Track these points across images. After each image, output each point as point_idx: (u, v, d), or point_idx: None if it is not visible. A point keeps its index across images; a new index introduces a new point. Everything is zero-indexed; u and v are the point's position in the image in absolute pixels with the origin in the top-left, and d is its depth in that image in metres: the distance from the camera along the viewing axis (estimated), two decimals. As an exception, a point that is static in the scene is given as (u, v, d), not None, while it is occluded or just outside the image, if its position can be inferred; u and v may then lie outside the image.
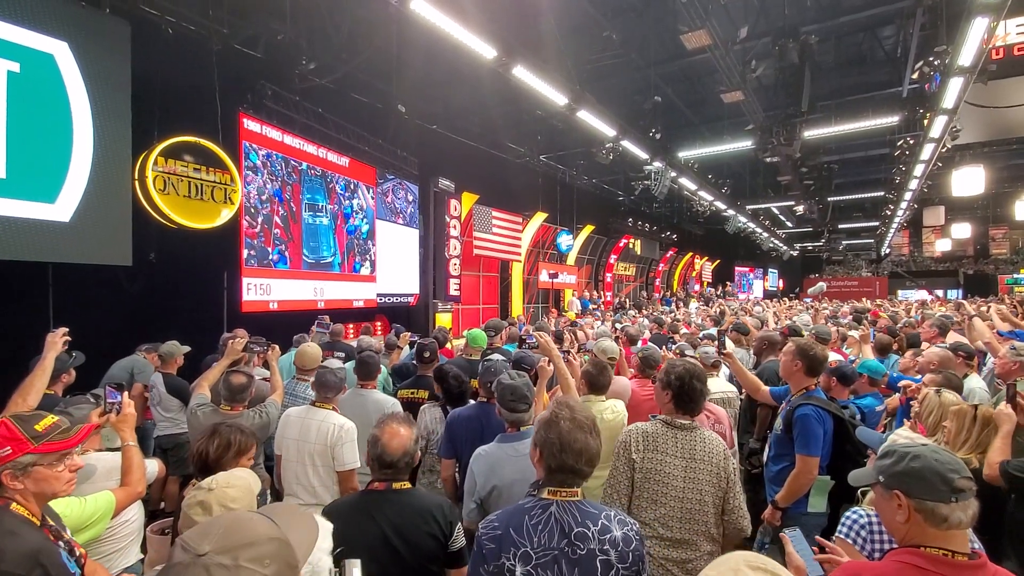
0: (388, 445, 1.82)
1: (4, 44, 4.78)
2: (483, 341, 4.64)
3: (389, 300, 10.30)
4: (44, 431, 1.54)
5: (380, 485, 1.87)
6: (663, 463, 2.15)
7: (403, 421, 1.94)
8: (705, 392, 2.27)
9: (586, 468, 1.56)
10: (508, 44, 6.13)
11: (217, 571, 0.77)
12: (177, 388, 4.50)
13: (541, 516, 1.51)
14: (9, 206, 4.87)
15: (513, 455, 2.25)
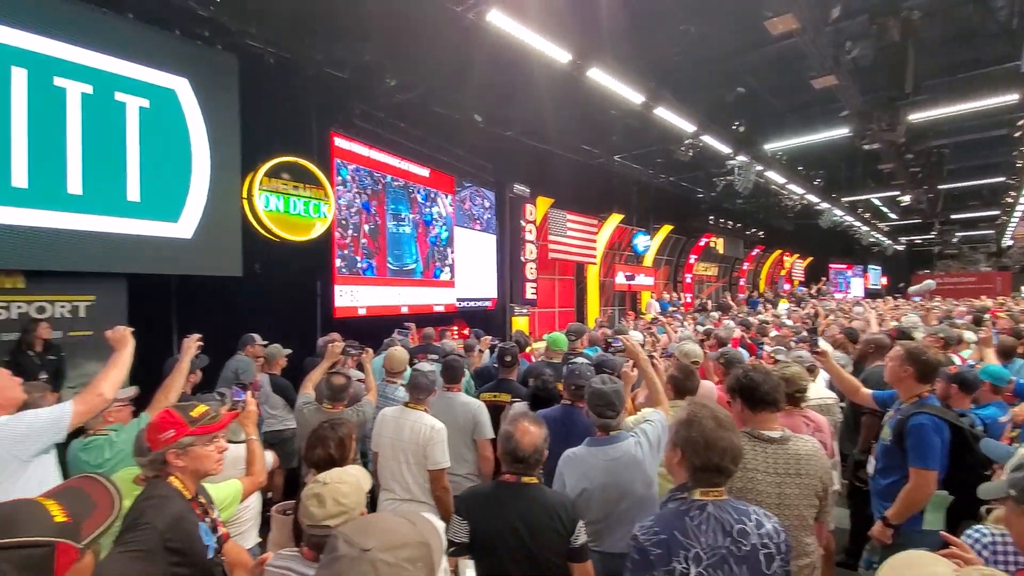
0: (520, 441, 1.93)
1: (137, 83, 5.47)
2: (564, 344, 4.65)
3: (468, 304, 10.58)
4: (198, 416, 1.80)
5: (511, 478, 1.99)
6: (753, 481, 2.01)
7: (533, 420, 2.06)
8: (776, 385, 2.12)
9: (731, 466, 1.56)
10: (582, 47, 6.13)
11: (381, 567, 0.85)
12: (281, 387, 4.89)
13: (700, 516, 1.52)
14: (142, 226, 5.55)
15: (604, 459, 2.27)
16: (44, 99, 4.84)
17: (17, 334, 4.90)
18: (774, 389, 2.09)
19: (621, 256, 16.46)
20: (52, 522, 0.96)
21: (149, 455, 1.70)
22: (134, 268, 5.58)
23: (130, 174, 5.43)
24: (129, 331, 2.50)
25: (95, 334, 5.53)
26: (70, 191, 5.02)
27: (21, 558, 0.89)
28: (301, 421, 3.36)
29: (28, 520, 0.93)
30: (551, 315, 13.94)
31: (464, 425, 3.30)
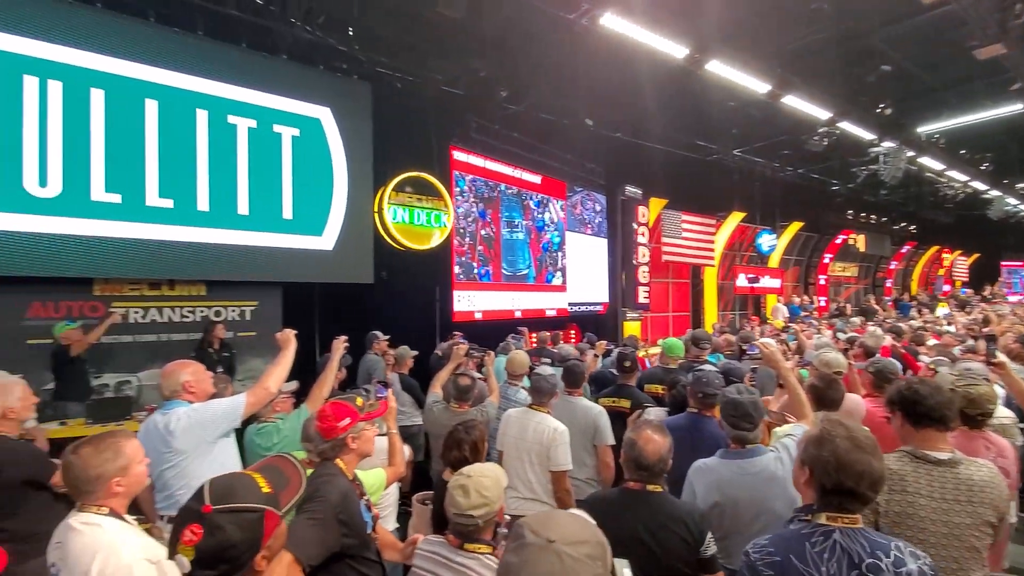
0: (644, 449, 1.94)
1: (290, 115, 6.25)
2: (680, 351, 4.48)
3: (579, 309, 10.57)
4: (361, 406, 2.07)
5: (636, 485, 1.99)
6: (913, 506, 1.81)
7: (657, 428, 2.05)
8: (946, 401, 1.87)
9: (868, 492, 1.41)
10: (700, 40, 5.88)
11: (566, 559, 0.90)
12: (409, 386, 5.27)
13: (824, 544, 1.39)
14: (294, 240, 6.31)
15: (738, 473, 2.16)
16: (220, 135, 5.72)
17: (200, 334, 5.81)
18: (942, 405, 1.87)
19: (743, 257, 15.40)
20: (260, 492, 1.14)
21: (328, 441, 1.93)
22: (288, 277, 6.37)
23: (284, 195, 6.22)
24: (293, 333, 2.84)
25: (257, 334, 6.40)
26: (239, 212, 5.86)
27: (240, 520, 1.07)
28: (431, 418, 3.60)
29: (243, 489, 1.12)
30: (664, 320, 13.44)
31: (585, 430, 3.32)
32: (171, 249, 5.42)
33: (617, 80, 9.00)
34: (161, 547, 1.67)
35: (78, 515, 1.60)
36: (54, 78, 4.76)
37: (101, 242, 5.02)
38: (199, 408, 2.47)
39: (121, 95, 5.10)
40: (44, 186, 4.73)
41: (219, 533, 1.04)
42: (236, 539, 1.05)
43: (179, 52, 5.44)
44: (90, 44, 4.94)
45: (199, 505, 1.06)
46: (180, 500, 2.34)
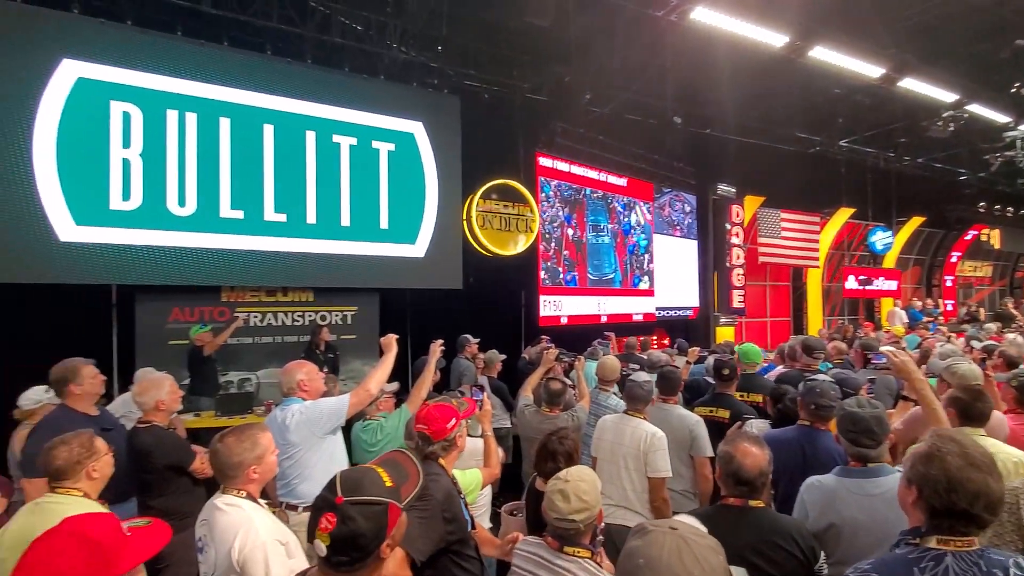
0: (743, 463, 1.84)
1: (386, 132, 6.64)
2: (757, 356, 4.20)
3: (667, 314, 10.22)
4: (458, 405, 2.17)
5: (736, 501, 1.89)
6: None
7: (755, 441, 1.94)
8: None
9: (985, 515, 1.27)
10: (802, 26, 5.50)
11: (692, 544, 0.98)
12: (499, 389, 5.36)
13: (936, 569, 1.28)
14: (389, 249, 6.68)
15: (857, 492, 1.97)
16: (326, 153, 6.21)
17: (308, 337, 6.31)
18: None
19: (852, 257, 14.12)
20: (384, 486, 1.23)
21: (437, 442, 2.03)
22: (384, 283, 6.76)
23: (381, 206, 6.61)
24: (395, 338, 3.00)
25: (357, 337, 6.84)
26: (342, 224, 6.31)
27: (367, 511, 1.16)
28: (522, 422, 3.65)
29: (369, 483, 1.21)
30: (761, 325, 12.65)
31: (681, 440, 3.20)
32: (284, 259, 5.95)
33: (706, 75, 8.64)
34: (287, 530, 1.85)
35: (222, 496, 1.81)
36: (190, 110, 5.42)
37: (227, 254, 5.63)
38: (310, 405, 2.69)
39: (244, 122, 5.70)
40: (183, 206, 5.39)
41: (350, 523, 1.13)
42: (364, 529, 1.14)
43: (292, 80, 5.99)
44: (218, 78, 5.58)
45: (332, 496, 1.15)
46: (295, 488, 2.58)
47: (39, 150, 4.70)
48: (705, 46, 6.43)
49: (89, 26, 4.98)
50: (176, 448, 2.83)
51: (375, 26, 6.22)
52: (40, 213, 4.71)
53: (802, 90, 9.40)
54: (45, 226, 4.74)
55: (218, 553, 1.69)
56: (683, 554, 0.97)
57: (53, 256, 4.79)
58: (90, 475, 1.98)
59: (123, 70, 5.09)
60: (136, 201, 5.17)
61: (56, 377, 2.80)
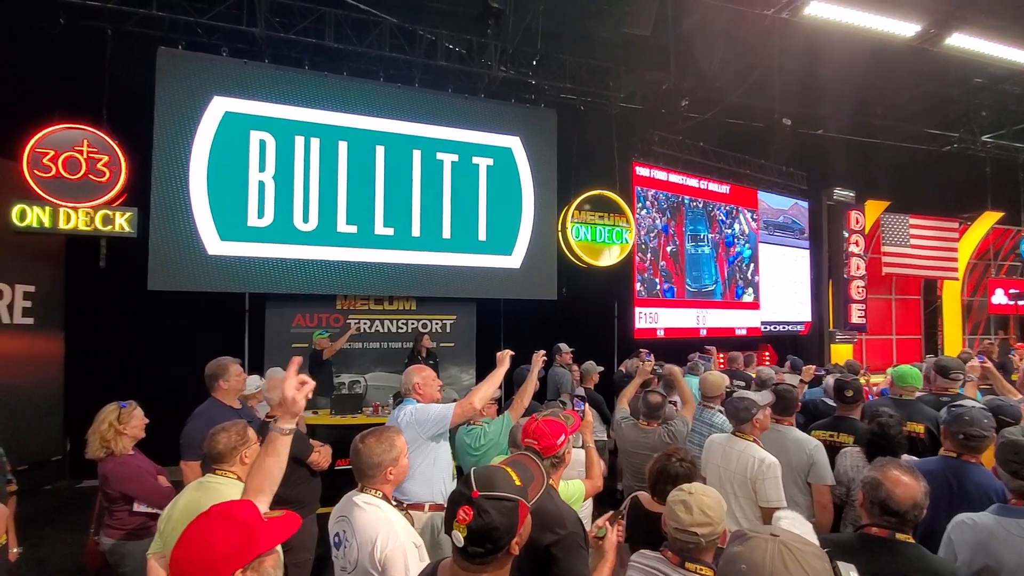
0: (893, 492, 1.69)
1: (486, 147, 6.91)
2: (917, 380, 3.74)
3: (775, 328, 9.54)
4: (565, 420, 2.17)
5: (882, 532, 1.75)
6: None
7: (907, 470, 1.77)
8: None
9: None
10: (939, 12, 4.96)
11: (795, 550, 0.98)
12: (595, 401, 5.30)
13: None
14: (487, 260, 6.90)
15: (1019, 534, 1.73)
16: (430, 169, 6.59)
17: (411, 343, 6.66)
18: None
19: (1000, 267, 12.32)
20: (514, 484, 1.29)
21: (547, 459, 1.99)
22: (482, 293, 7.00)
23: (480, 219, 6.87)
24: (510, 354, 3.09)
25: (455, 345, 7.11)
26: (444, 236, 6.64)
27: (500, 507, 1.22)
28: (620, 434, 3.58)
29: (501, 481, 1.28)
30: (886, 343, 11.38)
31: (798, 465, 2.97)
32: (391, 270, 6.38)
33: (817, 73, 8.05)
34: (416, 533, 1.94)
35: (360, 495, 1.91)
36: (314, 136, 6.03)
37: (343, 265, 6.15)
38: (420, 408, 2.85)
39: (359, 144, 6.24)
40: (306, 222, 5.97)
41: (485, 516, 1.19)
42: (498, 523, 1.20)
43: (401, 103, 6.46)
44: (338, 105, 6.17)
45: (468, 491, 1.23)
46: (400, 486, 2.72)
47: (194, 175, 5.47)
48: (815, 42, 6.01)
49: (235, 66, 5.73)
50: (297, 441, 3.09)
51: (476, 47, 6.52)
52: (194, 230, 5.46)
53: (932, 82, 8.45)
54: (197, 241, 5.48)
55: (360, 550, 1.78)
56: (787, 560, 0.95)
57: (203, 267, 5.53)
58: (243, 460, 2.22)
59: (261, 103, 5.80)
60: (269, 218, 5.82)
61: (209, 373, 3.19)
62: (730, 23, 6.33)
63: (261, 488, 1.47)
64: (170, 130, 5.42)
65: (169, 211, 5.39)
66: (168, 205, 5.39)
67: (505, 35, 6.33)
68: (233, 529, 1.12)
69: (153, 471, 2.82)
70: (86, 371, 5.70)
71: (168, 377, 4.79)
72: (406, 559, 1.73)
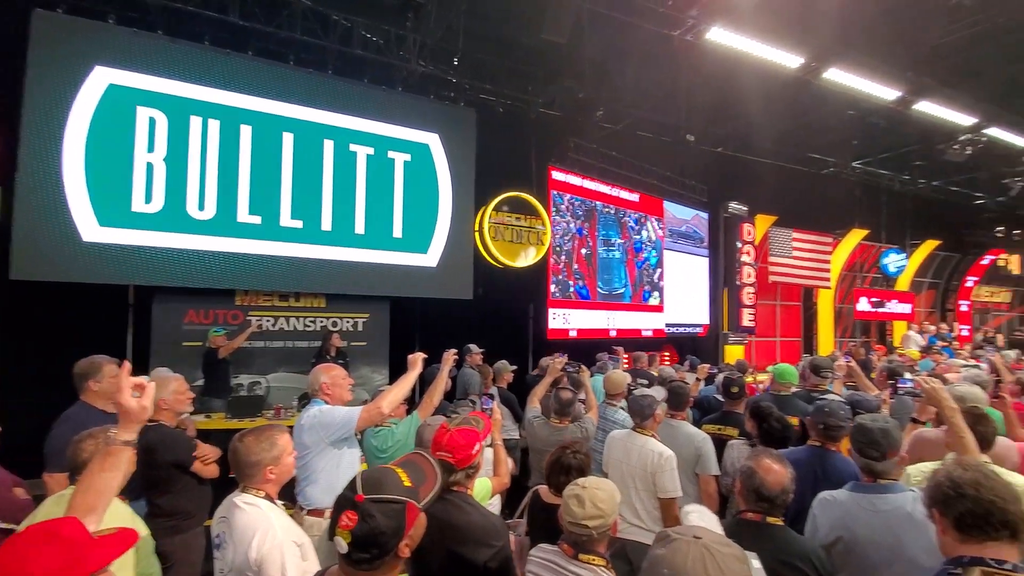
0: (765, 479, 1.85)
1: (403, 142, 6.76)
2: (793, 377, 4.17)
3: (677, 330, 10.18)
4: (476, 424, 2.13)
5: (755, 516, 1.90)
6: None
7: (777, 458, 1.94)
8: None
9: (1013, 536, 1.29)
10: (818, 48, 5.55)
11: (716, 553, 1.00)
12: (507, 400, 5.36)
13: None
14: (402, 258, 6.75)
15: (869, 509, 1.97)
16: (343, 161, 6.33)
17: (319, 342, 6.37)
18: None
19: (865, 279, 14.01)
20: (403, 486, 1.26)
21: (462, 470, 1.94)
22: (396, 292, 6.84)
23: (395, 215, 6.71)
24: (423, 357, 3.01)
25: (368, 344, 6.89)
26: (356, 232, 6.40)
27: (387, 509, 1.19)
28: (531, 433, 3.65)
29: (389, 483, 1.24)
30: (771, 345, 12.53)
31: (687, 457, 3.19)
32: (298, 265, 6.04)
33: (720, 94, 8.70)
34: (302, 531, 1.87)
35: (241, 495, 1.84)
36: (213, 117, 5.57)
37: (243, 258, 5.73)
38: (325, 411, 2.72)
39: (264, 129, 5.85)
40: (202, 210, 5.51)
41: (371, 520, 1.16)
42: (384, 527, 1.17)
43: (312, 90, 6.14)
44: (242, 87, 5.74)
45: (353, 494, 1.19)
46: (302, 491, 2.59)
47: (69, 152, 4.85)
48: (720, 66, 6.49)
49: (123, 35, 5.16)
50: (179, 446, 2.84)
51: (395, 39, 6.36)
52: (66, 213, 4.85)
53: (816, 111, 9.42)
54: (70, 226, 4.87)
55: (236, 551, 1.72)
56: (707, 563, 0.98)
57: (77, 256, 4.92)
58: None
59: (151, 77, 5.26)
60: (158, 204, 5.30)
61: (79, 372, 2.85)
62: (641, 41, 6.66)
63: (93, 507, 1.32)
64: (43, 101, 4.76)
65: (39, 191, 4.73)
66: (38, 185, 4.73)
67: (425, 29, 6.23)
68: (56, 549, 1.01)
69: (8, 482, 2.47)
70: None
71: (37, 378, 4.22)
72: (283, 559, 1.67)
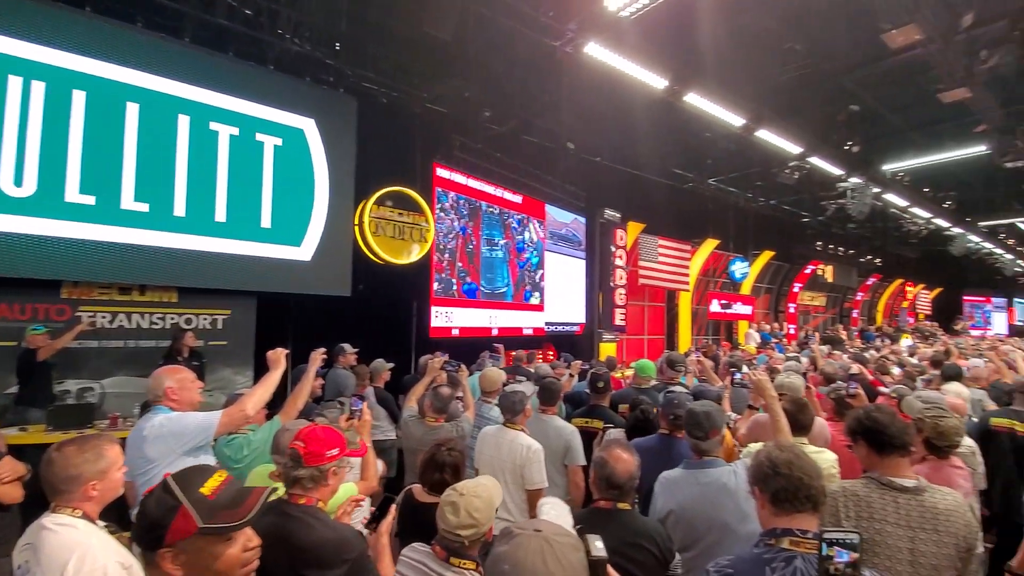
0: (615, 468, 1.96)
1: (273, 125, 6.25)
2: (652, 371, 4.57)
3: (556, 329, 10.64)
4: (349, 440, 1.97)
5: (606, 504, 2.00)
6: (881, 533, 1.83)
7: (626, 447, 2.08)
8: (904, 428, 1.94)
9: (814, 507, 1.49)
10: (679, 73, 6.12)
11: (555, 544, 1.05)
12: (384, 399, 5.22)
13: (785, 570, 1.40)
14: (271, 250, 6.26)
15: (694, 483, 2.23)
16: (201, 141, 5.69)
17: (169, 342, 5.68)
18: (902, 432, 1.94)
19: (716, 283, 15.75)
20: (197, 492, 1.11)
21: (307, 468, 1.75)
22: (263, 287, 6.30)
23: (264, 204, 6.18)
24: (285, 354, 2.78)
25: (229, 344, 6.28)
26: (217, 219, 5.80)
27: (160, 499, 1.09)
28: (406, 432, 3.59)
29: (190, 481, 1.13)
30: (640, 342, 13.60)
31: (556, 449, 3.34)
32: (144, 254, 5.33)
33: (599, 106, 9.25)
34: (130, 554, 1.64)
35: (51, 516, 1.57)
36: (38, 79, 4.70)
37: (72, 244, 4.91)
38: (174, 418, 2.43)
39: (103, 97, 5.05)
40: (19, 186, 4.63)
41: (146, 500, 1.08)
42: (148, 512, 1.07)
43: (164, 57, 5.43)
44: (76, 47, 4.91)
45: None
46: (145, 510, 2.29)
47: None
48: (599, 79, 6.90)
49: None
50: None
51: (266, 13, 5.87)
52: None
53: (680, 132, 10.41)
54: None
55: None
56: (546, 555, 1.02)
57: None
58: None
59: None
60: (-48, 175, 4.36)
61: None
62: (525, 47, 6.86)
63: None
64: None
65: None
66: None
67: (302, 6, 5.83)
68: None
69: None
70: None
71: None
72: None
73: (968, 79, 7.89)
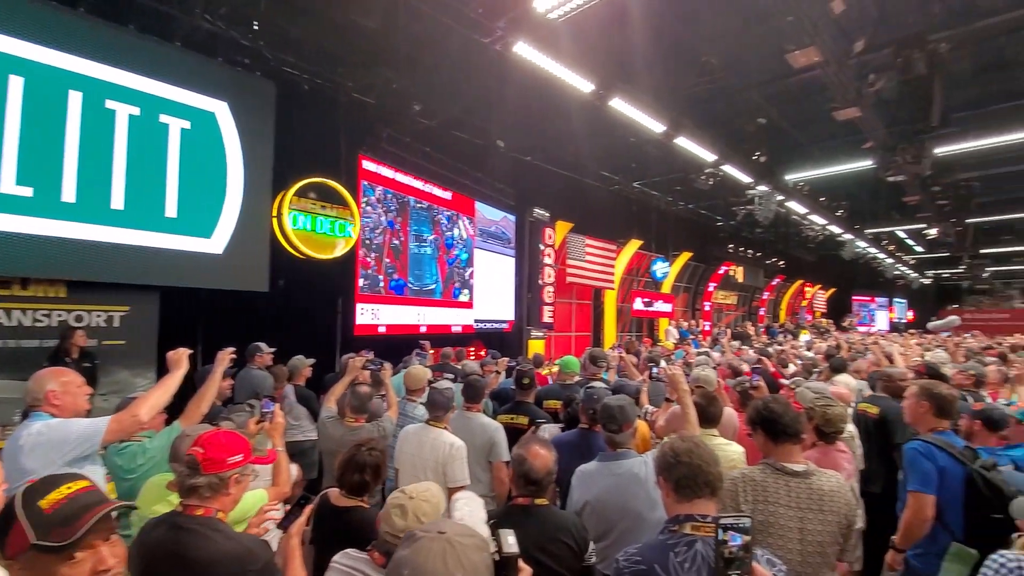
0: (533, 464, 1.97)
1: (180, 106, 5.78)
2: (576, 367, 4.69)
3: (485, 326, 10.65)
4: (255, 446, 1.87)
5: (524, 500, 2.02)
6: (774, 515, 1.99)
7: (543, 443, 2.10)
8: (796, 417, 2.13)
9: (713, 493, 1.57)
10: (605, 77, 6.30)
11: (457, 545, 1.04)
12: (305, 398, 5.00)
13: (687, 554, 1.48)
14: (177, 241, 5.79)
15: (607, 474, 2.31)
16: (96, 120, 5.15)
17: (57, 341, 5.11)
18: (795, 421, 2.11)
19: (639, 282, 16.43)
20: (37, 507, 1.03)
21: (205, 476, 1.64)
22: (168, 281, 5.80)
23: (169, 191, 5.70)
24: (187, 353, 2.59)
25: (127, 343, 5.75)
26: (113, 207, 5.28)
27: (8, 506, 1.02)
28: (324, 433, 3.45)
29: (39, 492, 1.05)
30: (567, 339, 13.92)
31: (481, 446, 3.34)
32: (26, 243, 4.75)
33: (529, 106, 9.33)
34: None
35: None
36: None
37: (-69, 230, 4.29)
38: (55, 425, 2.18)
39: (-27, 66, 4.44)
40: None
41: None
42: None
43: (53, 28, 4.86)
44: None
45: None
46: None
47: None
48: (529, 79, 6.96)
49: None
50: None
51: (174, -15, 5.42)
52: None
53: (608, 135, 10.74)
54: None
55: None
56: (447, 557, 1.01)
57: None
58: None
59: None
60: None
61: None
62: (455, 42, 6.79)
63: None
64: None
65: None
66: None
67: (215, -18, 5.44)
68: None
69: None
70: None
71: None
72: None
73: (858, 100, 8.73)
